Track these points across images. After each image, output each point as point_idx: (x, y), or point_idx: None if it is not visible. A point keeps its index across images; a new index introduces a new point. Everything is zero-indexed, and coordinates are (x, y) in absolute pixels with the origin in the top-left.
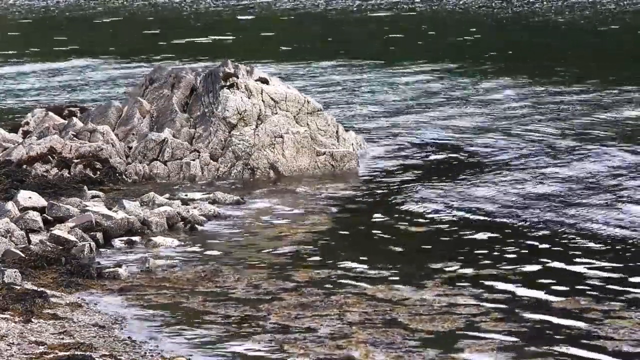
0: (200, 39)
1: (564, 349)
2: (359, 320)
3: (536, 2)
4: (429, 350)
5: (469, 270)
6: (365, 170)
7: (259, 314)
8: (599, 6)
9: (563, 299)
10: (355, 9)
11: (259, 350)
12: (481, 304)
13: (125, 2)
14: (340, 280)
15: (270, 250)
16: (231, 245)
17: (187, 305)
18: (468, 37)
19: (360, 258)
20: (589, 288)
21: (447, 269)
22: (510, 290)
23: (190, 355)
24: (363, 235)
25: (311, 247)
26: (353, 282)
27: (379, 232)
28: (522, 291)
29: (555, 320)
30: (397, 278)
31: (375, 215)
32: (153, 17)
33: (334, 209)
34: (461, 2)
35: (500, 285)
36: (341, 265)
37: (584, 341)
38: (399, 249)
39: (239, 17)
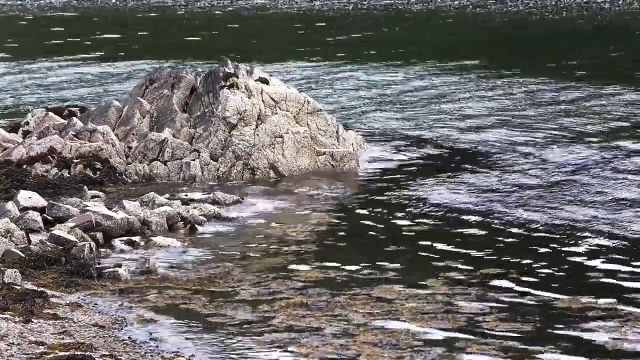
0: (199, 38)
1: (565, 348)
2: (364, 321)
3: (531, 1)
4: (432, 350)
5: (471, 270)
6: (365, 170)
7: (261, 315)
8: (594, 5)
9: (565, 298)
10: (351, 9)
11: (262, 351)
12: (483, 303)
13: (118, 2)
14: (343, 281)
15: (271, 250)
16: (231, 246)
17: (187, 306)
18: (466, 37)
19: (362, 258)
20: (590, 287)
21: (449, 268)
22: (512, 289)
23: (191, 356)
24: (364, 235)
25: (312, 247)
26: (357, 282)
27: (381, 232)
28: (524, 290)
29: (556, 319)
30: (399, 278)
31: (376, 215)
32: (150, 17)
33: (334, 209)
34: (456, 3)
35: (502, 285)
36: (343, 266)
37: (585, 340)
38: (401, 249)
39: (236, 17)
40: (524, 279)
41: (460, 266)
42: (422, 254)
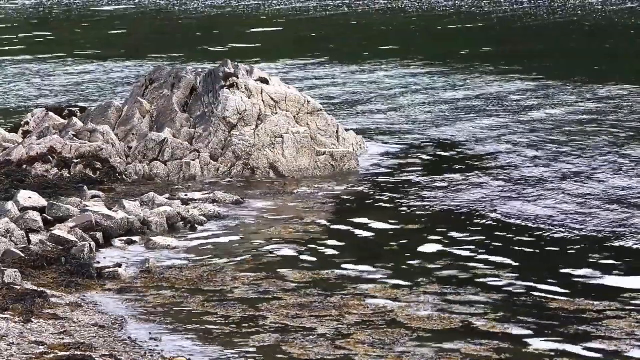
0: (199, 39)
1: (561, 349)
2: (358, 321)
3: (526, 2)
4: (426, 350)
5: (467, 270)
6: (365, 170)
7: (258, 314)
8: (588, 6)
9: (560, 298)
10: (347, 10)
11: (258, 350)
12: (479, 303)
13: (111, 2)
14: (339, 281)
15: (270, 250)
16: (231, 245)
17: (186, 306)
18: (464, 37)
19: (360, 258)
20: (587, 288)
21: (445, 268)
22: (508, 290)
23: (191, 355)
24: (362, 235)
25: (311, 247)
26: (352, 283)
27: (379, 232)
28: (519, 291)
29: (552, 320)
30: (395, 278)
31: (375, 215)
32: (147, 17)
33: (334, 209)
34: (450, 3)
35: (498, 285)
36: (340, 265)
37: (582, 341)
38: (398, 249)
39: (235, 17)
40: (521, 279)
41: (456, 267)
42: (419, 254)
